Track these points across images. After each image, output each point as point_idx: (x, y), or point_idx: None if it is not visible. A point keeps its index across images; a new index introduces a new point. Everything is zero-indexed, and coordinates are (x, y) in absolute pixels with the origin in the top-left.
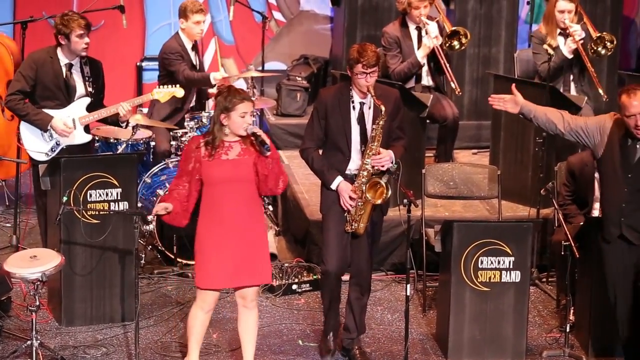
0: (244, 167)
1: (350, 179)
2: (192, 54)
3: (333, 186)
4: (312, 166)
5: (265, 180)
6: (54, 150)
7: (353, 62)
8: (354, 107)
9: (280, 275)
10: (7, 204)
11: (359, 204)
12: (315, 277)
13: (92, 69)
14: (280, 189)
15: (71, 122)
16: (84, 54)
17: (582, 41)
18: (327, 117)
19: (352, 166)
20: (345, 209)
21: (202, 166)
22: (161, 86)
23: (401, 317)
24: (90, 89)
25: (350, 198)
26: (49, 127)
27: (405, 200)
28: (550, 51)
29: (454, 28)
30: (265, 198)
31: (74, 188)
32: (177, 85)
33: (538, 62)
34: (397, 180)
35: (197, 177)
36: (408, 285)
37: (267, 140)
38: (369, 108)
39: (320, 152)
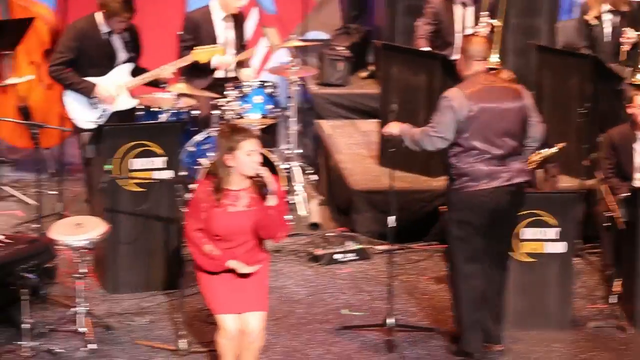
0: (252, 220)
1: None
2: (220, 26)
3: None
4: None
5: (266, 228)
6: (102, 118)
7: None
8: None
9: (324, 244)
10: (52, 171)
11: None
12: (358, 246)
13: (130, 33)
14: (279, 239)
15: (115, 88)
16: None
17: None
18: None
19: None
20: None
21: (209, 215)
22: (199, 46)
23: (445, 287)
24: (131, 54)
25: None
26: (93, 94)
27: None
28: (594, 21)
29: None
30: (307, 167)
31: (118, 156)
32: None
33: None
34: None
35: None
36: None
37: (272, 185)
38: None
39: None
